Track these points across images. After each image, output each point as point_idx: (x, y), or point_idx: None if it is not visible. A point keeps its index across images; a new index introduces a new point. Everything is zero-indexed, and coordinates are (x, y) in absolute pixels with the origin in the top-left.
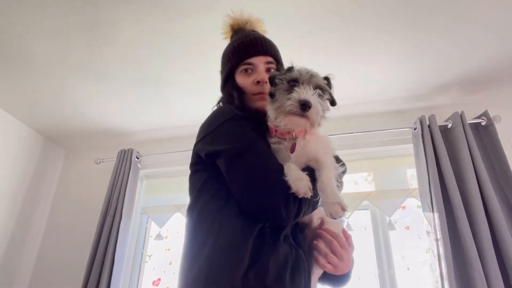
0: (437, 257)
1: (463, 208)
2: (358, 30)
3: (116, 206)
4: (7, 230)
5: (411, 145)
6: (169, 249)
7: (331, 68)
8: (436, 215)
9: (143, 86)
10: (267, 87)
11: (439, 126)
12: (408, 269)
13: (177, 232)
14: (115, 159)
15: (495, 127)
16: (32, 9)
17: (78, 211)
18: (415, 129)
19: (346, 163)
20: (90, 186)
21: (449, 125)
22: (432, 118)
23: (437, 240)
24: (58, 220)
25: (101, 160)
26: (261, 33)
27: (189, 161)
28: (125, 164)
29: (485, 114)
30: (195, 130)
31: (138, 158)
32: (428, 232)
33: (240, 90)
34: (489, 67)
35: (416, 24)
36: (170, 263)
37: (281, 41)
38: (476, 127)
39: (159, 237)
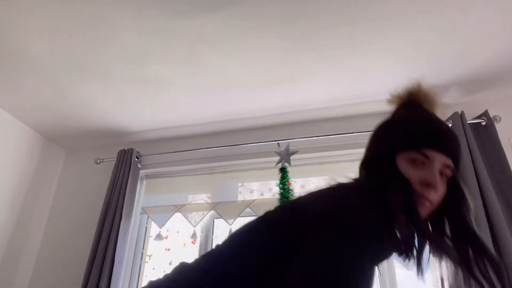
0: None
1: None
2: (358, 30)
3: (116, 206)
4: (7, 230)
5: None
6: (169, 249)
7: (331, 68)
8: None
9: (143, 86)
10: (435, 196)
11: None
12: (408, 269)
13: (177, 232)
14: (115, 159)
15: (495, 127)
16: (31, 8)
17: (78, 211)
18: None
19: (346, 163)
20: (90, 186)
21: (449, 125)
22: None
23: None
24: (58, 220)
25: (101, 160)
26: (438, 110)
27: (189, 161)
28: (125, 164)
29: (485, 114)
30: (195, 130)
31: (138, 158)
32: None
33: (406, 182)
34: (489, 67)
35: (415, 24)
36: (170, 263)
37: (278, 41)
38: (476, 127)
39: (159, 237)
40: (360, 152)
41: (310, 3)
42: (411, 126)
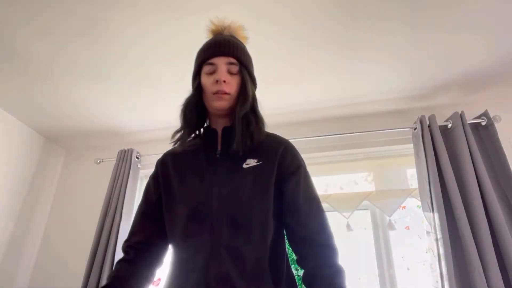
0: (437, 257)
1: (463, 208)
2: (358, 30)
3: (116, 206)
4: (7, 230)
5: (411, 145)
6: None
7: (331, 68)
8: (436, 215)
9: (143, 86)
10: (227, 87)
11: (439, 126)
12: (408, 269)
13: None
14: (115, 159)
15: (495, 127)
16: (31, 9)
17: (78, 211)
18: (415, 129)
19: (346, 163)
20: (90, 186)
21: (449, 125)
22: (432, 118)
23: (437, 240)
24: (58, 220)
25: (101, 160)
26: (241, 39)
27: None
28: (125, 164)
29: (485, 114)
30: None
31: (138, 158)
32: (428, 232)
33: (200, 90)
34: (489, 67)
35: (416, 24)
36: None
37: (277, 41)
38: (476, 127)
39: None
40: (360, 152)
41: (307, 4)
42: (201, 48)
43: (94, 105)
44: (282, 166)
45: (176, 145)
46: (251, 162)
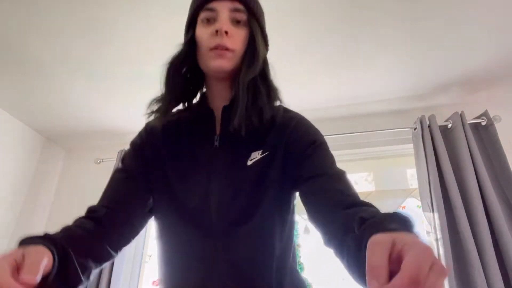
0: (437, 257)
1: (463, 208)
2: (358, 30)
3: None
4: (7, 230)
5: (411, 145)
6: None
7: (331, 68)
8: (436, 215)
9: (143, 86)
10: (230, 41)
11: (439, 126)
12: None
13: None
14: (115, 159)
15: (495, 127)
16: (31, 9)
17: (78, 211)
18: (415, 129)
19: (346, 163)
20: (90, 186)
21: (449, 125)
22: (432, 118)
23: (437, 240)
24: (58, 220)
25: (101, 160)
26: None
27: None
28: None
29: (485, 114)
30: None
31: None
32: (428, 232)
33: (194, 45)
34: (489, 67)
35: (416, 24)
36: None
37: (277, 41)
38: (476, 127)
39: None
40: (360, 152)
41: (308, 4)
42: None
43: (94, 105)
44: (290, 150)
45: (153, 118)
46: (256, 156)
